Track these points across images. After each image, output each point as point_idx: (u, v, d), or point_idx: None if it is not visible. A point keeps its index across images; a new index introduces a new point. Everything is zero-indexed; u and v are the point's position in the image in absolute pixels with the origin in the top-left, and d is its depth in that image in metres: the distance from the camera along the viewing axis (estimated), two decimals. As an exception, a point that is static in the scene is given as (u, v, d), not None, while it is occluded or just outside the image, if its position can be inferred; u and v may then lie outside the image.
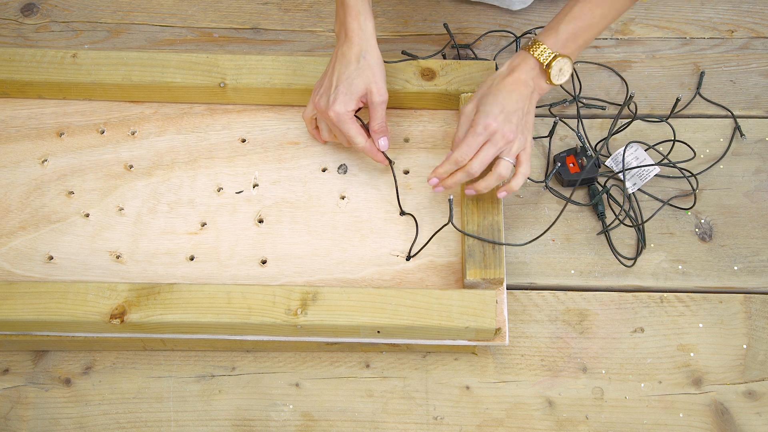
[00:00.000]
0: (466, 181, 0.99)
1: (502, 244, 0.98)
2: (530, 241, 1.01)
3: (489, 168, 0.98)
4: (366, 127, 1.03)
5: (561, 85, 1.19)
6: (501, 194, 0.99)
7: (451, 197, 0.95)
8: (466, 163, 0.97)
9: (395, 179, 1.05)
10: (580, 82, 1.20)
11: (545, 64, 0.98)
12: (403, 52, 1.18)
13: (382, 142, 1.03)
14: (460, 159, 0.97)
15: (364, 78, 0.99)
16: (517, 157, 0.98)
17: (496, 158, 0.97)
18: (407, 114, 1.13)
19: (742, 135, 1.15)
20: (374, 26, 1.00)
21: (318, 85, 1.03)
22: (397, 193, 1.06)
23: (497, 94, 0.97)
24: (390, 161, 1.05)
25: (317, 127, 1.08)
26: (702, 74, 1.20)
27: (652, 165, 1.11)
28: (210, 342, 1.01)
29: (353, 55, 0.99)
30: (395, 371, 1.03)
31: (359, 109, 1.02)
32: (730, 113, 1.18)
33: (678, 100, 1.12)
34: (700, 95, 1.19)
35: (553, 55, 0.97)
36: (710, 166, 1.13)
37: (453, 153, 0.97)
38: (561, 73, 0.98)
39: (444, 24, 1.21)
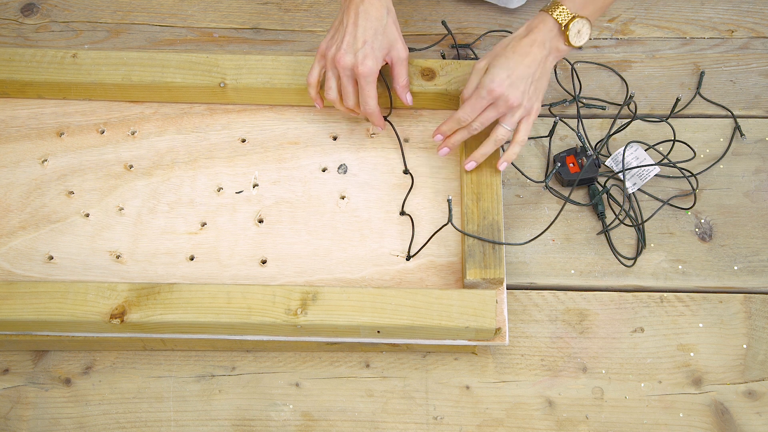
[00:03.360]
0: (467, 138, 1.02)
1: (501, 243, 0.98)
2: (530, 241, 1.01)
3: (487, 133, 1.01)
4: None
5: (561, 84, 1.19)
6: (501, 166, 1.01)
7: (450, 197, 0.95)
8: (468, 123, 1.00)
9: (398, 137, 1.08)
10: (580, 82, 1.20)
11: (563, 25, 0.97)
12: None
13: (409, 97, 1.05)
14: (463, 119, 1.00)
15: (389, 35, 0.99)
16: (518, 125, 0.99)
17: (496, 122, 0.99)
18: (407, 114, 1.13)
19: (742, 135, 1.15)
20: None
21: (331, 42, 1.01)
22: (408, 193, 1.06)
23: (509, 56, 0.97)
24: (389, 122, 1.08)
25: (319, 93, 1.06)
26: (702, 74, 1.20)
27: (652, 165, 1.11)
28: (210, 342, 1.01)
29: (377, 12, 0.98)
30: (395, 371, 1.03)
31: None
32: (730, 113, 1.18)
33: (678, 100, 1.12)
34: (700, 95, 1.19)
35: (572, 15, 0.97)
36: (710, 166, 1.13)
37: (457, 113, 1.00)
38: (579, 34, 0.98)
39: (442, 21, 1.21)
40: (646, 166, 1.11)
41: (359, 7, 0.98)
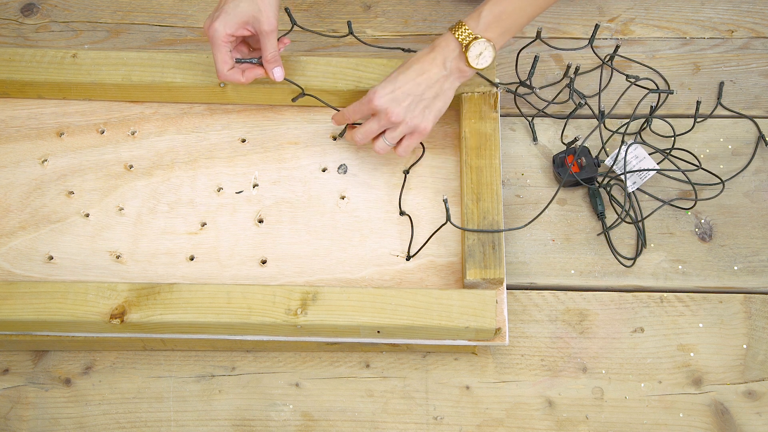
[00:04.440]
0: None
1: (501, 231, 0.98)
2: (529, 223, 0.99)
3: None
4: (259, 64, 1.02)
5: (573, 89, 1.19)
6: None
7: (446, 197, 0.94)
8: (354, 133, 1.02)
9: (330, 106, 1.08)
10: (606, 81, 1.20)
11: (464, 45, 0.97)
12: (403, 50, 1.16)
13: (277, 72, 1.01)
14: (345, 117, 1.03)
15: (252, 5, 0.96)
16: (402, 138, 1.01)
17: (381, 133, 1.01)
18: (407, 114, 1.13)
19: (766, 144, 1.15)
20: None
21: None
22: (401, 192, 1.06)
23: (403, 71, 0.98)
24: (301, 90, 1.07)
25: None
26: (721, 84, 1.19)
27: (652, 165, 1.11)
28: (210, 342, 1.01)
29: None
30: (395, 371, 1.03)
31: (244, 39, 1.01)
32: (749, 118, 1.17)
33: (699, 102, 1.12)
34: (721, 105, 1.18)
35: (473, 37, 0.96)
36: (736, 174, 1.13)
37: (342, 110, 1.03)
38: (481, 57, 0.97)
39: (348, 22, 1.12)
40: (648, 169, 1.10)
41: None
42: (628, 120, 1.14)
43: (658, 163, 1.13)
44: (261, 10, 0.96)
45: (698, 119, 1.17)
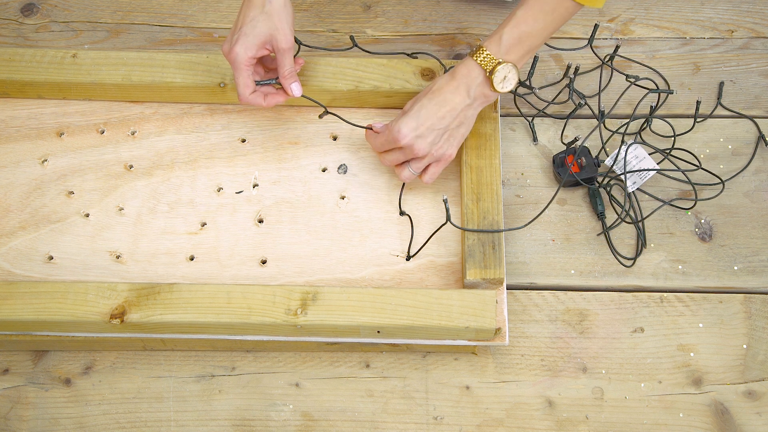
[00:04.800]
0: None
1: (501, 231, 0.98)
2: (529, 223, 0.99)
3: None
4: (278, 83, 1.02)
5: (573, 89, 1.19)
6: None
7: (446, 197, 0.94)
8: (382, 159, 1.03)
9: (344, 119, 1.07)
10: (602, 83, 1.20)
11: (488, 70, 0.96)
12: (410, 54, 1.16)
13: (295, 88, 1.01)
14: (373, 148, 1.03)
15: (268, 24, 0.96)
16: (427, 166, 1.01)
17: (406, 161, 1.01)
18: (407, 114, 1.13)
19: (766, 144, 1.15)
20: None
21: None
22: (401, 192, 1.06)
23: (425, 104, 0.97)
24: (325, 110, 1.05)
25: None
26: (721, 84, 1.19)
27: (652, 165, 1.11)
28: (210, 342, 1.01)
29: (258, 0, 0.96)
30: (395, 371, 1.03)
31: (262, 58, 1.01)
32: (749, 118, 1.17)
33: (699, 102, 1.12)
34: (721, 105, 1.18)
35: (497, 61, 0.95)
36: (736, 174, 1.13)
37: (369, 141, 1.03)
38: (505, 80, 0.96)
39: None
40: (648, 169, 1.10)
41: None
42: (628, 120, 1.14)
43: (658, 163, 1.13)
44: (278, 29, 0.96)
45: (698, 119, 1.17)
